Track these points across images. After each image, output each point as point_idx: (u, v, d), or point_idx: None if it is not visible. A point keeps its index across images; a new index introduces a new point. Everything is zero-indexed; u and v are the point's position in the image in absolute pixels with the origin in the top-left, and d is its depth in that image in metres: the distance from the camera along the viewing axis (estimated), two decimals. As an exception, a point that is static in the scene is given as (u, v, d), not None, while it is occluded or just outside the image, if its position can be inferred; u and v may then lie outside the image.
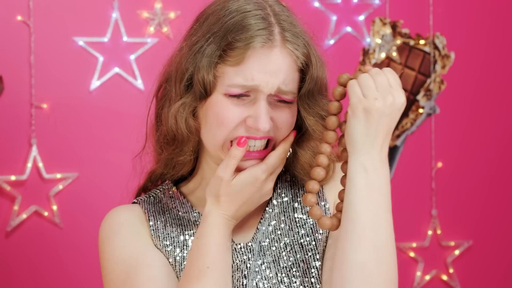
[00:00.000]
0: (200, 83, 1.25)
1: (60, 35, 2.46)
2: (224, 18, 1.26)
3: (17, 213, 2.42)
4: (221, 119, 1.25)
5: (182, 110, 1.27)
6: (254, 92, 1.25)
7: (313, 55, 1.30)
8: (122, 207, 1.38)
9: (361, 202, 1.17)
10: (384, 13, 2.75)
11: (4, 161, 2.43)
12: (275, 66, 1.24)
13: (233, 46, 1.23)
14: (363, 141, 1.17)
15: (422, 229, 2.80)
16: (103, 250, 1.32)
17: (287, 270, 1.29)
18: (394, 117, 1.18)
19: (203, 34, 1.27)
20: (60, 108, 2.46)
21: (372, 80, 1.18)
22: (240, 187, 1.26)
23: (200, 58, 1.25)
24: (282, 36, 1.26)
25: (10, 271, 2.44)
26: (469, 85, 2.83)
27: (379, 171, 1.17)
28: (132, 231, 1.32)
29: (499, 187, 2.86)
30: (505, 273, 2.87)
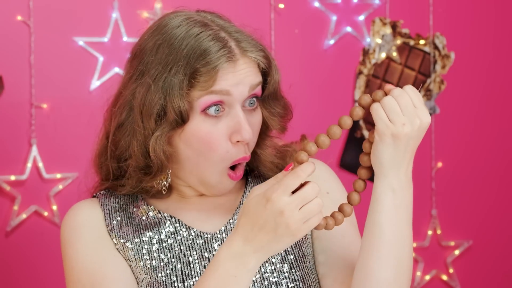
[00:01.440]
0: (176, 113, 1.26)
1: (60, 35, 2.46)
2: (179, 47, 1.28)
3: (17, 213, 2.42)
4: (208, 143, 1.27)
5: (159, 141, 1.28)
6: (228, 102, 1.28)
7: (269, 57, 1.34)
8: (81, 204, 1.39)
9: (388, 221, 1.19)
10: (384, 13, 2.75)
11: (4, 161, 2.43)
12: (242, 75, 1.28)
13: (200, 72, 1.26)
14: (391, 164, 1.18)
15: (422, 229, 2.80)
16: (66, 254, 1.35)
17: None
18: (420, 137, 1.20)
19: (162, 66, 1.28)
20: (60, 108, 2.46)
21: (396, 103, 1.17)
22: (251, 204, 1.14)
23: (170, 90, 1.26)
24: (240, 48, 1.29)
25: (10, 271, 2.44)
26: (469, 85, 2.83)
27: (405, 191, 1.19)
28: (94, 235, 1.33)
29: (499, 187, 2.86)
30: (505, 273, 2.87)
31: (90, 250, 1.32)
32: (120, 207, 1.37)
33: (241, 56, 1.29)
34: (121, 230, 1.33)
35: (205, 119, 1.27)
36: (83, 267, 1.31)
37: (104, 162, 1.41)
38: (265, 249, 1.12)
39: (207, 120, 1.27)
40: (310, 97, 2.63)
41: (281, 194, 1.10)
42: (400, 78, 2.78)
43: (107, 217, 1.35)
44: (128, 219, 1.35)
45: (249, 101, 1.30)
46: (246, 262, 1.13)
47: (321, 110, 2.64)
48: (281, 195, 1.10)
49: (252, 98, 1.30)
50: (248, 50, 1.30)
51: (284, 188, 1.11)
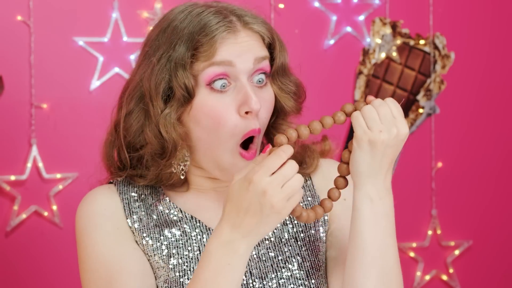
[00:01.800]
0: (182, 87, 1.26)
1: (60, 35, 2.46)
2: (181, 25, 1.28)
3: (17, 213, 2.42)
4: (216, 118, 1.25)
5: (169, 118, 1.27)
6: (233, 74, 1.26)
7: (274, 33, 1.33)
8: (99, 191, 1.36)
9: (368, 231, 1.20)
10: (384, 13, 2.75)
11: (4, 161, 2.43)
12: (245, 46, 1.27)
13: (200, 43, 1.25)
14: (369, 172, 1.19)
15: (422, 229, 2.80)
16: (82, 243, 1.30)
17: (282, 262, 1.30)
18: (398, 147, 1.20)
19: (166, 46, 1.29)
20: (60, 108, 2.46)
21: (375, 112, 1.20)
22: (234, 189, 1.14)
23: (173, 65, 1.27)
24: (242, 21, 1.29)
25: (10, 271, 2.44)
26: (469, 85, 2.83)
27: (384, 200, 1.21)
28: (112, 225, 1.30)
29: (499, 187, 2.86)
30: (505, 273, 2.87)
31: (108, 241, 1.29)
32: (139, 197, 1.34)
33: (242, 28, 1.28)
34: (141, 223, 1.31)
35: (211, 93, 1.26)
36: (100, 257, 1.27)
37: (111, 153, 1.38)
38: (253, 232, 1.12)
39: (213, 94, 1.26)
40: (310, 97, 2.62)
41: (263, 175, 1.10)
42: (400, 78, 2.78)
43: (126, 207, 1.33)
44: (148, 212, 1.33)
45: (257, 78, 1.28)
46: (237, 248, 1.13)
47: (321, 110, 2.64)
48: (263, 175, 1.10)
49: (260, 74, 1.28)
50: (250, 22, 1.29)
51: (265, 169, 1.11)
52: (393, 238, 1.22)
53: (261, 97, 1.27)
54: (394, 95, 2.79)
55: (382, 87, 2.77)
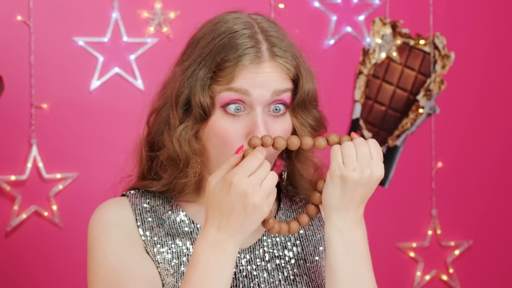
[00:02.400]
0: (198, 106, 1.28)
1: (60, 35, 2.46)
2: (213, 41, 1.29)
3: (17, 213, 2.42)
4: (224, 139, 1.27)
5: (184, 133, 1.29)
6: (249, 103, 1.27)
7: (302, 67, 1.33)
8: (111, 202, 1.38)
9: (340, 262, 1.23)
10: (384, 13, 2.75)
11: (4, 161, 2.43)
12: (265, 78, 1.28)
13: (222, 66, 1.27)
14: (337, 205, 1.22)
15: (422, 229, 2.80)
16: (93, 252, 1.33)
17: (291, 280, 1.31)
18: (371, 187, 1.23)
19: (195, 58, 1.30)
20: (60, 108, 2.46)
21: (354, 150, 1.22)
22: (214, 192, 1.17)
23: (194, 82, 1.28)
24: (271, 52, 1.29)
25: (10, 271, 2.44)
26: (469, 85, 2.83)
27: (353, 231, 1.23)
28: (123, 235, 1.32)
29: (499, 187, 2.86)
30: (505, 273, 2.87)
31: (118, 249, 1.31)
32: (150, 208, 1.36)
33: (268, 59, 1.28)
34: (152, 232, 1.33)
35: (224, 115, 1.27)
36: (110, 266, 1.30)
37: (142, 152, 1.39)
38: (239, 232, 1.16)
39: (226, 117, 1.27)
40: (310, 97, 2.63)
41: (242, 176, 1.14)
42: (400, 78, 2.78)
43: (138, 217, 1.35)
44: (159, 221, 1.35)
45: (274, 106, 1.29)
46: (225, 248, 1.16)
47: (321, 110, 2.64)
48: (242, 177, 1.14)
49: (278, 104, 1.29)
50: (278, 55, 1.29)
51: (244, 170, 1.15)
52: (366, 268, 1.23)
53: (274, 127, 1.28)
54: (394, 96, 2.79)
55: (382, 87, 2.77)
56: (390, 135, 2.78)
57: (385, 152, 2.78)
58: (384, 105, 2.78)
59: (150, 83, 2.48)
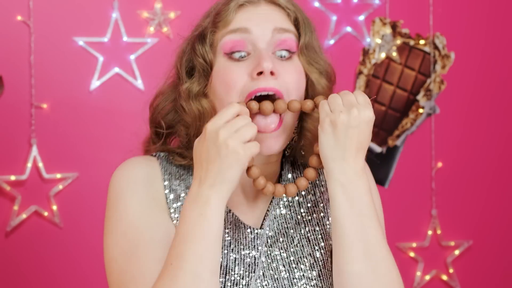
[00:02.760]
0: (200, 57, 1.27)
1: (60, 35, 2.46)
2: (213, 5, 1.31)
3: (17, 213, 2.42)
4: (227, 82, 1.25)
5: (191, 88, 1.28)
6: (251, 41, 1.26)
7: (300, 11, 1.33)
8: (139, 159, 1.34)
9: (344, 216, 1.21)
10: (384, 13, 2.75)
11: (4, 161, 2.43)
12: (264, 14, 1.27)
13: (220, 10, 1.27)
14: (333, 154, 1.21)
15: (422, 229, 2.80)
16: (114, 205, 1.29)
17: (294, 263, 1.30)
18: (363, 129, 1.20)
19: (196, 26, 1.32)
20: (60, 108, 2.46)
21: (340, 98, 1.22)
22: (194, 146, 1.19)
23: (195, 38, 1.29)
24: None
25: (10, 271, 2.44)
26: (469, 85, 2.83)
27: (355, 183, 1.21)
28: (149, 194, 1.29)
29: (499, 187, 2.86)
30: (505, 273, 2.87)
31: (141, 207, 1.27)
32: (180, 175, 1.33)
33: (265, 2, 1.29)
34: (179, 201, 1.30)
35: (228, 61, 1.26)
36: (133, 222, 1.26)
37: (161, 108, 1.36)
38: (218, 179, 1.15)
39: (230, 62, 1.26)
40: (310, 97, 2.63)
41: (215, 121, 1.15)
42: (400, 78, 2.78)
43: (167, 182, 1.31)
44: (187, 191, 1.31)
45: (280, 53, 1.27)
46: (206, 199, 1.15)
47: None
48: (215, 121, 1.15)
49: (282, 51, 1.27)
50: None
51: (217, 116, 1.16)
52: (372, 219, 1.22)
53: (282, 65, 1.26)
54: (394, 96, 2.79)
55: (382, 87, 2.77)
56: (390, 135, 2.78)
57: (385, 151, 2.78)
58: (384, 105, 2.78)
59: (150, 83, 2.48)
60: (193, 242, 1.14)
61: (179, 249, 1.15)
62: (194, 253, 1.14)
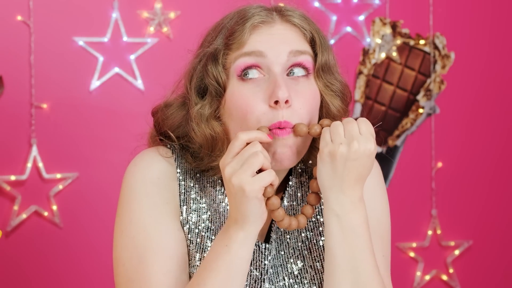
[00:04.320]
0: (213, 79, 1.24)
1: (60, 35, 2.46)
2: (225, 19, 1.28)
3: (17, 213, 2.42)
4: (246, 106, 1.22)
5: (202, 111, 1.25)
6: (266, 65, 1.23)
7: (316, 29, 1.29)
8: (156, 154, 1.31)
9: (337, 246, 1.20)
10: (384, 13, 2.75)
11: (4, 161, 2.43)
12: (279, 36, 1.24)
13: (233, 31, 1.24)
14: (330, 184, 1.19)
15: (422, 229, 2.80)
16: (127, 206, 1.27)
17: (294, 275, 1.29)
18: (363, 163, 1.19)
19: (207, 42, 1.28)
20: (60, 108, 2.46)
21: (342, 127, 1.19)
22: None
23: (207, 57, 1.25)
24: (281, 14, 1.27)
25: (10, 271, 2.44)
26: (469, 85, 2.83)
27: (351, 215, 1.19)
28: (163, 198, 1.27)
29: (499, 187, 2.86)
30: (505, 273, 2.87)
31: (155, 212, 1.26)
32: (194, 175, 1.31)
33: (280, 21, 1.26)
34: (194, 205, 1.29)
35: (242, 84, 1.23)
36: (143, 228, 1.25)
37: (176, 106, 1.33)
38: (238, 215, 1.16)
39: (244, 84, 1.23)
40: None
41: (224, 157, 1.15)
42: (400, 78, 2.78)
43: (182, 180, 1.30)
44: (199, 192, 1.30)
45: (293, 70, 1.24)
46: (231, 233, 1.17)
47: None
48: (224, 157, 1.15)
49: (296, 68, 1.24)
50: (291, 16, 1.26)
51: (228, 154, 1.15)
52: (365, 252, 1.20)
53: (296, 90, 1.23)
54: (394, 96, 2.79)
55: (382, 87, 2.77)
56: (390, 135, 2.78)
57: (385, 151, 2.78)
58: (384, 105, 2.78)
59: (150, 83, 2.48)
60: (215, 271, 1.16)
61: (202, 276, 1.17)
62: (214, 282, 1.16)
